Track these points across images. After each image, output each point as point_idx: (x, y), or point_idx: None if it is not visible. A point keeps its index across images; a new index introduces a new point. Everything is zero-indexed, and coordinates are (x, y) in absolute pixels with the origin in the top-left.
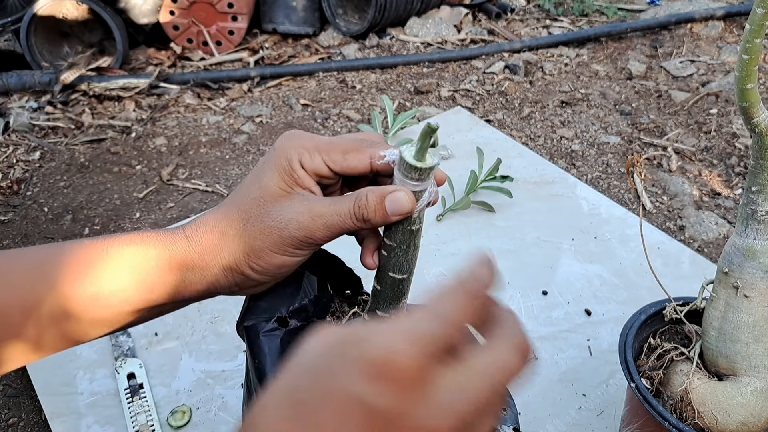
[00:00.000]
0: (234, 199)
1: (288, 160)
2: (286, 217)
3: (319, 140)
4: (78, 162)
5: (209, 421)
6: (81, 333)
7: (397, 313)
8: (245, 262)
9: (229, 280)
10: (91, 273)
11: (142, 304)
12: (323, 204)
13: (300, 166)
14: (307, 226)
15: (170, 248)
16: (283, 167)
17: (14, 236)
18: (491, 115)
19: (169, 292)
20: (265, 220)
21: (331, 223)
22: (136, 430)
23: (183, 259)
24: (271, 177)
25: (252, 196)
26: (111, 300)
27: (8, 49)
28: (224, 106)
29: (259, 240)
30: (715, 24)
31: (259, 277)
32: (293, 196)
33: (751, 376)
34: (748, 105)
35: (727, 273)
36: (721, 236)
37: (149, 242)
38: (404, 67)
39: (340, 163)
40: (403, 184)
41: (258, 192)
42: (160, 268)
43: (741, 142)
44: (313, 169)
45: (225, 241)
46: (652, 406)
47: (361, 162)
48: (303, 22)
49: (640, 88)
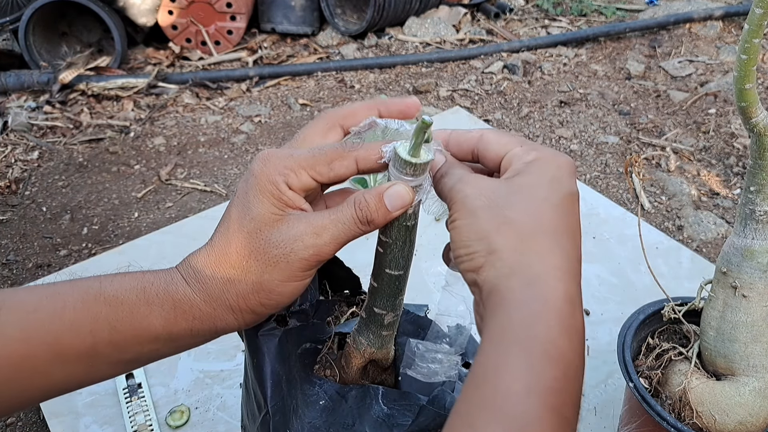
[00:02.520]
0: (226, 236)
1: (274, 184)
2: (290, 241)
3: (299, 156)
4: (76, 162)
5: (208, 421)
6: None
7: (395, 310)
8: (256, 300)
9: (239, 321)
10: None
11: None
12: (323, 217)
13: (288, 188)
14: (313, 243)
15: (172, 295)
16: (270, 192)
17: (12, 236)
18: (490, 114)
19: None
20: (268, 251)
21: (337, 234)
22: (134, 429)
23: (188, 308)
24: (260, 206)
25: (246, 230)
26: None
27: (7, 48)
28: (223, 106)
29: (267, 273)
30: (713, 24)
31: (269, 311)
32: (288, 218)
33: (750, 375)
34: (747, 105)
35: (726, 273)
36: (719, 236)
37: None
38: (403, 67)
39: (327, 174)
40: (397, 180)
41: (251, 224)
42: (164, 319)
43: (739, 142)
44: (301, 187)
45: (230, 284)
46: (650, 405)
47: (348, 168)
48: (302, 22)
49: (638, 88)
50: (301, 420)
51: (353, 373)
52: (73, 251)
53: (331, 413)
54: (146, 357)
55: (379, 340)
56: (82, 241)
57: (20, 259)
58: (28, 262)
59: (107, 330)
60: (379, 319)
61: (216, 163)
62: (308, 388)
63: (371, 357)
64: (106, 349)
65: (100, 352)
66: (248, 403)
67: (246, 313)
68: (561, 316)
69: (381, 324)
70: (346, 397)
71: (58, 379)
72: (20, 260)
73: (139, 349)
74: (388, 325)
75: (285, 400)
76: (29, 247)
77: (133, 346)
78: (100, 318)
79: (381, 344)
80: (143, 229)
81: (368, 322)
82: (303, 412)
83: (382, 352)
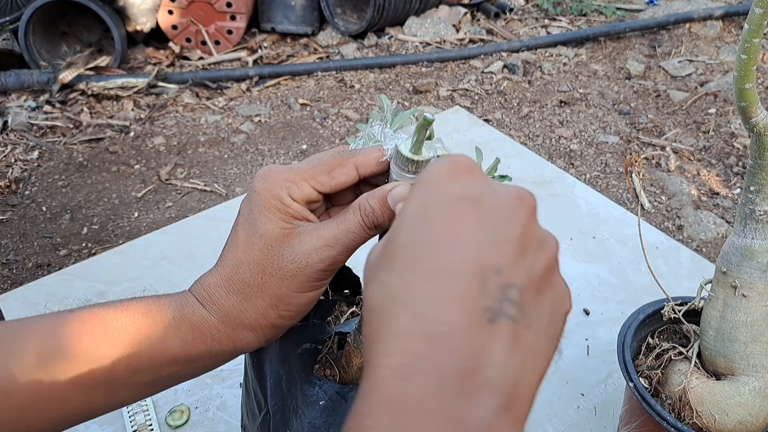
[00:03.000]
0: (236, 256)
1: (277, 198)
2: (304, 254)
3: (299, 169)
4: (76, 161)
5: (208, 421)
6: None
7: None
8: (275, 313)
9: (259, 338)
10: (104, 344)
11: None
12: (331, 228)
13: (291, 200)
14: (328, 255)
15: (189, 318)
16: (275, 207)
17: (12, 235)
18: (490, 114)
19: (192, 368)
20: (283, 266)
21: (347, 243)
22: (134, 429)
23: (206, 329)
24: (266, 222)
25: (257, 248)
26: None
27: (7, 48)
28: (223, 106)
29: (284, 287)
30: (713, 24)
31: (289, 323)
32: (298, 231)
33: (750, 375)
34: (747, 105)
35: (726, 272)
36: (719, 236)
37: (168, 322)
38: (403, 67)
39: (329, 183)
40: (400, 178)
41: (261, 241)
42: (182, 341)
43: (739, 142)
44: (304, 198)
45: (247, 302)
46: (650, 405)
47: (348, 175)
48: (302, 22)
49: (638, 88)
50: (301, 420)
51: (353, 373)
52: (73, 251)
53: (331, 413)
54: (165, 380)
55: None
56: (82, 240)
57: (20, 258)
58: (28, 261)
59: (125, 355)
60: None
61: (216, 162)
62: (308, 388)
63: None
64: (124, 374)
65: (118, 376)
66: (248, 403)
67: (266, 328)
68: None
69: None
70: (346, 398)
71: (78, 406)
72: (20, 260)
73: (158, 372)
74: None
75: (285, 400)
76: (29, 246)
77: (151, 370)
78: (118, 343)
79: None
80: (143, 229)
81: None
82: (303, 412)
83: None
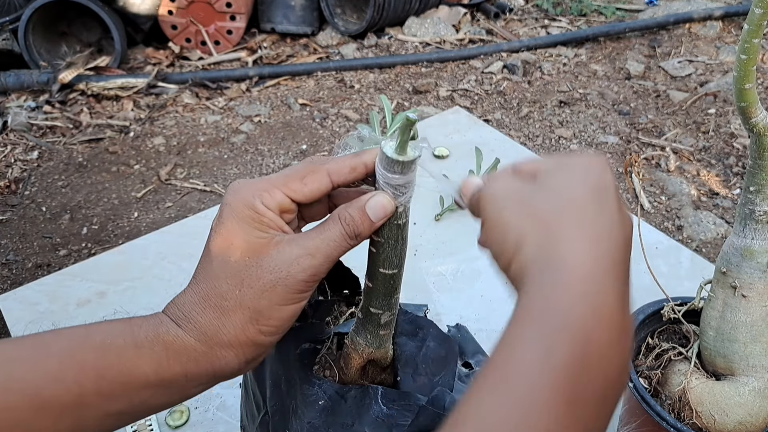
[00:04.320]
0: (211, 271)
1: (250, 208)
2: (285, 264)
3: (270, 178)
4: (76, 161)
5: (207, 421)
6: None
7: (391, 309)
8: (255, 329)
9: (239, 357)
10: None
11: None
12: (312, 238)
13: (265, 208)
14: (310, 264)
15: (163, 337)
16: (249, 217)
17: (12, 236)
18: (489, 114)
19: (166, 394)
20: (262, 276)
21: (329, 252)
22: (134, 429)
23: (181, 348)
24: (241, 233)
25: (233, 260)
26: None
27: (6, 48)
28: (222, 106)
29: (264, 299)
30: (713, 24)
31: (270, 340)
32: (276, 241)
33: (749, 375)
34: (747, 105)
35: (725, 273)
36: (719, 236)
37: (141, 342)
38: (403, 67)
39: (302, 190)
40: (386, 180)
41: (238, 254)
42: (155, 363)
43: (739, 142)
44: (277, 206)
45: (225, 318)
46: (650, 405)
47: (322, 182)
48: (301, 22)
49: (638, 88)
50: (301, 420)
51: (352, 374)
52: (72, 251)
53: (330, 413)
54: (138, 408)
55: (377, 340)
56: (82, 240)
57: (20, 258)
58: (28, 261)
59: (93, 378)
60: (376, 318)
61: (216, 162)
62: (307, 388)
63: (370, 357)
64: (93, 400)
65: (86, 402)
66: (247, 404)
67: (246, 346)
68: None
69: (378, 324)
70: (345, 398)
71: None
72: (20, 260)
73: (129, 398)
74: (385, 324)
75: (284, 401)
76: (29, 246)
77: (121, 395)
78: (87, 366)
79: (379, 344)
80: (143, 229)
81: (365, 322)
82: (302, 412)
83: (380, 351)
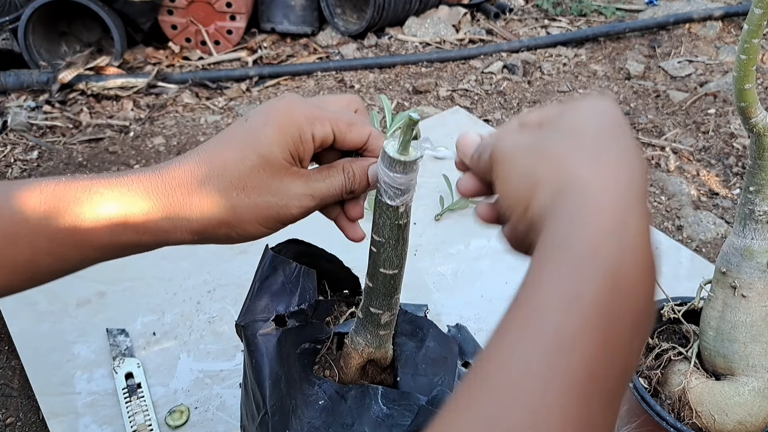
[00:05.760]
0: (223, 160)
1: (300, 131)
2: (287, 196)
3: (324, 108)
4: (76, 161)
5: (207, 421)
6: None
7: (391, 309)
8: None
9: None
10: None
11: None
12: (318, 181)
13: (311, 138)
14: (307, 204)
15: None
16: (293, 138)
17: None
18: (489, 114)
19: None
20: (263, 194)
21: (325, 198)
22: (134, 429)
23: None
24: (275, 146)
25: (248, 164)
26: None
27: (6, 48)
28: (222, 106)
29: (252, 213)
30: (713, 24)
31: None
32: (292, 171)
33: (749, 375)
34: (746, 105)
35: (725, 273)
36: (719, 236)
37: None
38: (403, 67)
39: (345, 133)
40: (389, 179)
41: (258, 161)
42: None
43: (739, 142)
44: (321, 139)
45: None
46: (650, 405)
47: (361, 136)
48: (301, 22)
49: (638, 88)
50: (301, 420)
51: (352, 373)
52: None
53: (330, 413)
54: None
55: (377, 340)
56: None
57: None
58: None
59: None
60: (376, 318)
61: None
62: (307, 388)
63: (370, 357)
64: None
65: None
66: (247, 404)
67: (208, 239)
68: (607, 218)
69: (378, 323)
70: (345, 397)
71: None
72: None
73: (81, 258)
74: (385, 324)
75: (284, 401)
76: None
77: (74, 257)
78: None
79: (379, 344)
80: None
81: (365, 322)
82: (302, 412)
83: (380, 351)
